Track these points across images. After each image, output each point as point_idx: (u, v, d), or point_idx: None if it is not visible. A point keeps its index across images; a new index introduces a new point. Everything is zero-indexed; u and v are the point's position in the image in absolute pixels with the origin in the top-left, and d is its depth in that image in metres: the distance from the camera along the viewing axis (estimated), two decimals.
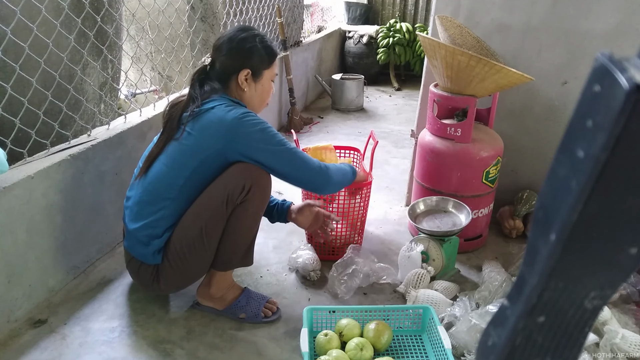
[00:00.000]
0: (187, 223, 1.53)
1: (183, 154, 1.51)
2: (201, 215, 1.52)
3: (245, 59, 1.58)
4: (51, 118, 1.80)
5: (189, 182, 1.52)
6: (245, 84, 1.60)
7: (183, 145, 1.51)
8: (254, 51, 1.58)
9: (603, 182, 0.38)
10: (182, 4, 2.89)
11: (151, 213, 1.55)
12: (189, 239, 1.53)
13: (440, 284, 1.80)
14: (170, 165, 1.52)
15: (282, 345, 1.58)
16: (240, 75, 1.58)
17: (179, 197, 1.53)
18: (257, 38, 1.59)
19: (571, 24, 2.00)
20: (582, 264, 0.44)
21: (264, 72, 1.62)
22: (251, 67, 1.58)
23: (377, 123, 4.02)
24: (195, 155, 1.50)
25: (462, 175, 1.98)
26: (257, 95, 1.65)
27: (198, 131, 1.50)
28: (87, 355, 1.52)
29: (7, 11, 1.65)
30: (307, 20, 4.96)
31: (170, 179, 1.52)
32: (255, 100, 1.65)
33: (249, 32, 1.60)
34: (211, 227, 1.52)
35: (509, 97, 2.18)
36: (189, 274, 1.62)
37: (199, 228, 1.51)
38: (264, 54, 1.60)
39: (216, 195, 1.50)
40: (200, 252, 1.54)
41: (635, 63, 0.37)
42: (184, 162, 1.51)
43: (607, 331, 1.48)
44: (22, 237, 1.60)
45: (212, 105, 1.52)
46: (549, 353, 0.51)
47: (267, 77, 1.64)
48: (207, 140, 1.48)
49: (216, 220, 1.52)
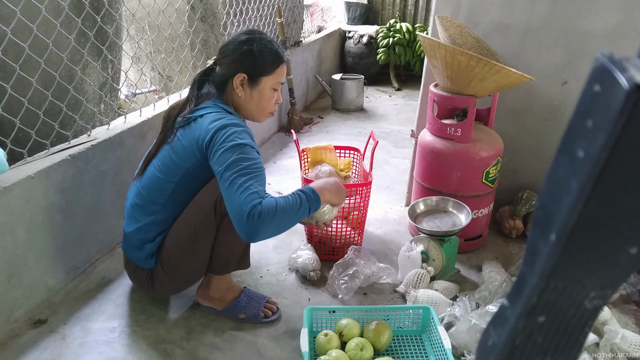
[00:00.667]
0: (178, 229, 1.53)
1: (172, 160, 1.50)
2: (191, 222, 1.51)
3: (240, 63, 1.52)
4: (51, 118, 1.80)
5: (179, 187, 1.51)
6: (240, 89, 1.54)
7: (173, 150, 1.51)
8: (250, 56, 1.51)
9: (603, 182, 0.38)
10: (182, 4, 2.89)
11: (143, 217, 1.55)
12: (180, 245, 1.53)
13: (440, 284, 1.80)
14: (161, 170, 1.52)
15: (282, 345, 1.58)
16: (235, 80, 1.53)
17: (169, 203, 1.53)
18: (257, 43, 1.52)
19: (571, 24, 2.00)
20: (582, 264, 0.44)
21: (262, 78, 1.54)
22: (247, 72, 1.52)
23: (377, 123, 4.02)
24: (182, 162, 1.49)
25: (462, 175, 1.98)
26: (254, 102, 1.57)
27: (186, 139, 1.49)
28: (87, 355, 1.52)
29: (7, 11, 1.65)
30: (307, 20, 4.96)
31: (160, 184, 1.52)
32: (252, 107, 1.58)
33: (250, 36, 1.54)
34: (201, 233, 1.51)
35: (509, 97, 2.18)
36: (183, 279, 1.62)
37: (189, 234, 1.51)
38: (262, 60, 1.52)
39: (205, 202, 1.50)
40: (192, 257, 1.54)
41: (635, 63, 0.37)
42: (173, 167, 1.50)
43: (607, 331, 1.48)
44: (22, 237, 1.60)
45: (201, 113, 1.49)
46: (549, 353, 0.51)
47: (267, 84, 1.56)
48: (191, 150, 1.47)
49: (205, 227, 1.50)
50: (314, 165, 2.26)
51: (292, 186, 2.68)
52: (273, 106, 1.62)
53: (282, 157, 3.23)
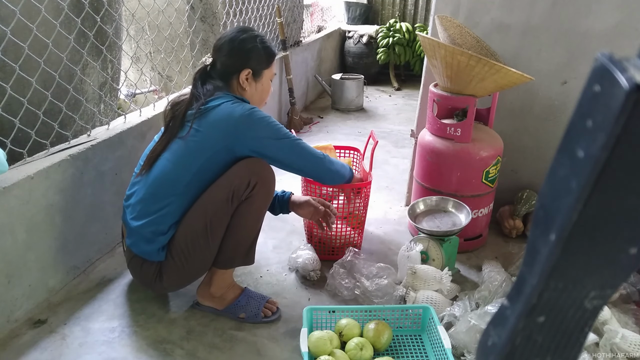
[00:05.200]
0: (192, 219, 1.54)
1: (190, 151, 1.52)
2: (206, 212, 1.53)
3: (246, 59, 1.62)
4: (51, 118, 1.80)
5: (196, 178, 1.53)
6: (247, 83, 1.64)
7: (190, 142, 1.52)
8: (254, 52, 1.63)
9: (603, 182, 0.38)
10: (181, 4, 2.89)
11: (156, 210, 1.55)
12: (193, 235, 1.54)
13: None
14: (176, 162, 1.53)
15: (282, 345, 1.58)
16: (242, 75, 1.63)
17: (184, 194, 1.54)
18: (258, 39, 1.65)
19: (571, 23, 2.00)
20: (582, 264, 0.44)
21: (263, 71, 1.67)
22: (252, 67, 1.63)
23: (377, 123, 4.02)
24: (203, 151, 1.52)
25: (462, 175, 1.98)
26: (257, 94, 1.70)
27: (206, 128, 1.52)
28: (87, 355, 1.52)
29: (7, 11, 1.65)
30: (307, 20, 4.96)
31: (176, 175, 1.53)
32: (255, 99, 1.70)
33: (249, 33, 1.65)
34: (216, 223, 1.53)
35: (509, 97, 2.18)
36: (192, 272, 1.63)
37: (204, 224, 1.52)
38: (263, 55, 1.65)
39: (221, 192, 1.52)
40: (204, 248, 1.55)
41: (635, 63, 0.37)
42: (191, 158, 1.52)
43: (607, 331, 1.48)
44: (22, 237, 1.60)
45: (218, 102, 1.55)
46: (549, 353, 0.51)
47: (267, 76, 1.70)
48: (216, 136, 1.51)
49: (221, 216, 1.53)
50: None
51: (292, 186, 2.67)
52: (268, 96, 1.77)
53: None
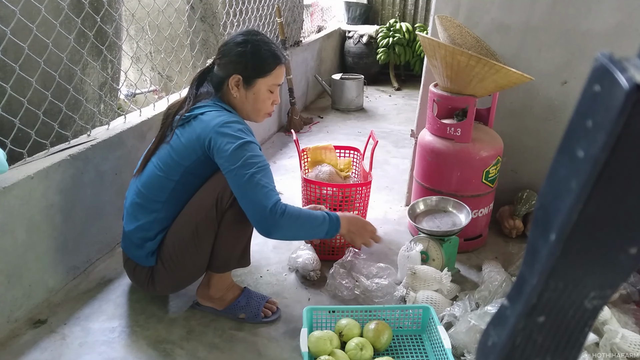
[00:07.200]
0: (179, 226, 1.53)
1: (172, 158, 1.51)
2: (192, 219, 1.51)
3: (236, 65, 1.52)
4: (51, 118, 1.80)
5: (179, 185, 1.52)
6: (235, 90, 1.54)
7: (172, 149, 1.52)
8: (243, 58, 1.52)
9: (603, 182, 0.38)
10: (181, 4, 2.88)
11: (144, 216, 1.55)
12: (181, 242, 1.53)
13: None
14: (161, 169, 1.53)
15: (282, 345, 1.58)
16: (231, 81, 1.53)
17: (170, 201, 1.53)
18: (251, 45, 1.52)
19: (571, 23, 2.00)
20: (582, 264, 0.44)
21: (257, 80, 1.54)
22: (241, 74, 1.52)
23: (377, 123, 4.02)
24: (184, 159, 1.50)
25: (462, 175, 1.98)
26: (249, 103, 1.57)
27: (186, 136, 1.50)
28: (87, 355, 1.52)
29: (7, 11, 1.65)
30: (307, 20, 4.96)
31: (161, 182, 1.52)
32: (247, 108, 1.58)
33: (245, 37, 1.53)
34: (202, 230, 1.51)
35: (509, 97, 2.18)
36: (183, 277, 1.62)
37: (190, 231, 1.51)
38: (255, 62, 1.52)
39: (206, 199, 1.50)
40: (192, 255, 1.54)
41: (635, 63, 0.37)
42: (173, 165, 1.51)
43: (607, 331, 1.48)
44: (22, 237, 1.60)
45: (201, 111, 1.51)
46: (549, 353, 0.51)
47: (263, 86, 1.55)
48: (194, 146, 1.48)
49: (207, 224, 1.51)
50: (313, 165, 2.26)
51: (292, 186, 2.67)
52: (270, 107, 1.62)
53: (282, 157, 3.23)
